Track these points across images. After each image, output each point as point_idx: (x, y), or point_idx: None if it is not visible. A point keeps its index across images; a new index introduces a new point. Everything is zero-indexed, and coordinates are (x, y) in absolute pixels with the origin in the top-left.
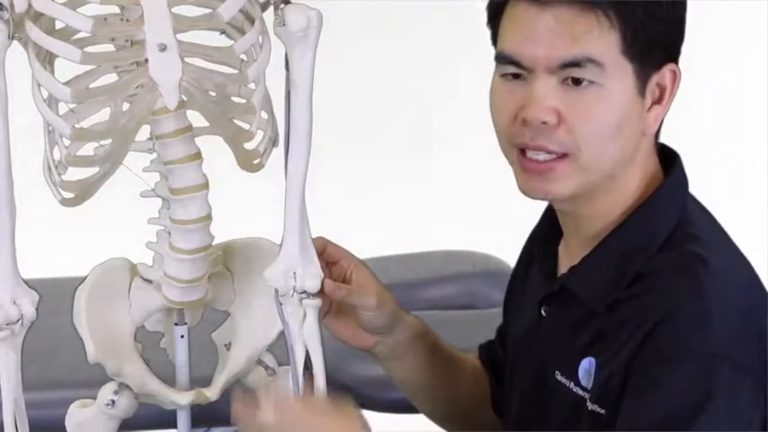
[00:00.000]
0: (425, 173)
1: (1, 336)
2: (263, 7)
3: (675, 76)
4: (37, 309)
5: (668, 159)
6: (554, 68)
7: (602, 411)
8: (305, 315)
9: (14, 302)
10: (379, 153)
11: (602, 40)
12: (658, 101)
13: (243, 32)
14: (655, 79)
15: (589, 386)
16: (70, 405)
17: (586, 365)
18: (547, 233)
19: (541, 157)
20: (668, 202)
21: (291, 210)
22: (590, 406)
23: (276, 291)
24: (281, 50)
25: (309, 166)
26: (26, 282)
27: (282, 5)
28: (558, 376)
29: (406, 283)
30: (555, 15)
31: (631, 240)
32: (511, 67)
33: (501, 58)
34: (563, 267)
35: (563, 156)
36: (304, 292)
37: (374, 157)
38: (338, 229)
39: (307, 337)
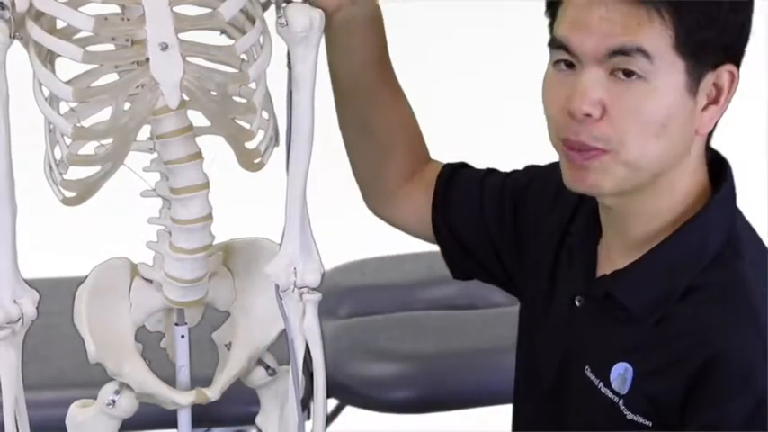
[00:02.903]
0: None
1: (2, 335)
2: (264, 7)
3: (733, 78)
4: (37, 308)
5: (718, 166)
6: (602, 58)
7: (648, 423)
8: (305, 310)
9: (15, 301)
10: None
11: (653, 34)
12: (714, 101)
13: (243, 32)
14: (710, 79)
15: (622, 391)
16: (70, 405)
17: (621, 370)
18: (586, 227)
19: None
20: (720, 216)
21: (292, 207)
22: (628, 414)
23: (277, 286)
24: (282, 50)
25: (311, 164)
26: (27, 281)
27: (284, 4)
28: (588, 372)
29: (407, 283)
30: (609, 7)
31: (683, 253)
32: (561, 53)
33: (553, 43)
34: (603, 266)
35: (606, 151)
36: (304, 286)
37: None
38: (339, 228)
39: (306, 331)
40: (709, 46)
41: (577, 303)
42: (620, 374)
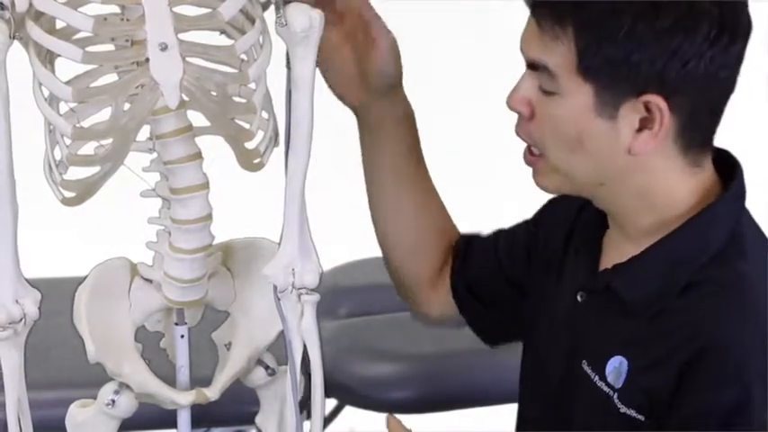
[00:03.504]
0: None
1: (4, 335)
2: (264, 7)
3: (661, 110)
4: (39, 308)
5: (728, 165)
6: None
7: (640, 418)
8: (303, 311)
9: (17, 301)
10: None
11: (558, 53)
12: (649, 126)
13: (243, 32)
14: (635, 105)
15: (617, 385)
16: (70, 405)
17: (616, 363)
18: (591, 222)
19: (532, 150)
20: (724, 215)
21: (291, 207)
22: (621, 408)
23: (275, 287)
24: (282, 50)
25: (310, 164)
26: (28, 281)
27: (284, 5)
28: (585, 366)
29: None
30: (532, 23)
31: (685, 248)
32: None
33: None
34: (607, 259)
35: (542, 154)
36: (303, 287)
37: None
38: (339, 228)
39: (304, 332)
40: (615, 68)
41: (579, 299)
42: (616, 368)
